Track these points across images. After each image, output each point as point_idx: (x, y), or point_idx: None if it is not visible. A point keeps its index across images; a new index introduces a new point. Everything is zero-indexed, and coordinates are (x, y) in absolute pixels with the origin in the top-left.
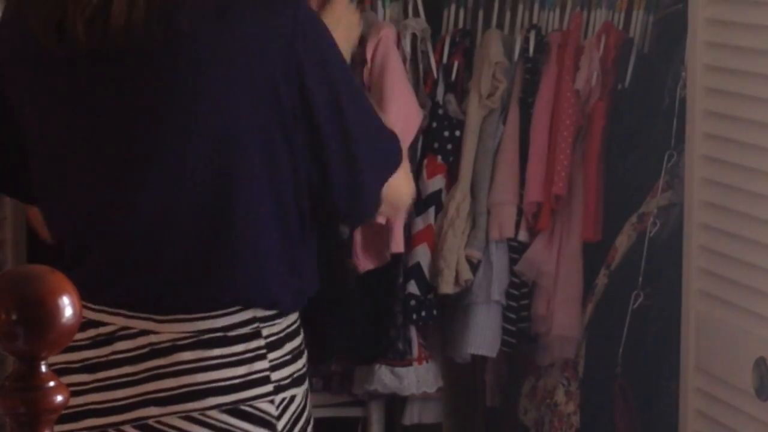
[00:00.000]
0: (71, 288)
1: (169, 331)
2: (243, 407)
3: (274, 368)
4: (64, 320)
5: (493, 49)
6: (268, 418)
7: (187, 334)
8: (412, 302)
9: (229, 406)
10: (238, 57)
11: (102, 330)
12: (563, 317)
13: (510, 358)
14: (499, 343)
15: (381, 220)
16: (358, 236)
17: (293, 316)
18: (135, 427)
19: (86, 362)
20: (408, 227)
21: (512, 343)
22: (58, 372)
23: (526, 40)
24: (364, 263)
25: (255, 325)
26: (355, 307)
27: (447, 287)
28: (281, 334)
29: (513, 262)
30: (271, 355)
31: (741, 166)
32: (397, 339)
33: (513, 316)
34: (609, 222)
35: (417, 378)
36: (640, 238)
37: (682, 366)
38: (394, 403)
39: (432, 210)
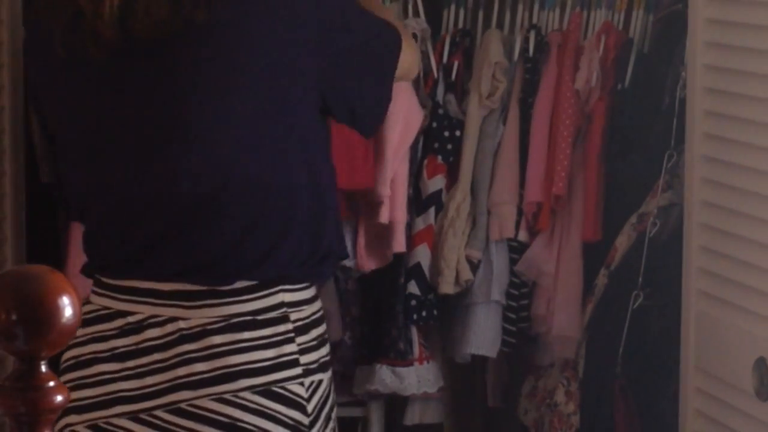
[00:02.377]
0: (71, 288)
1: (198, 316)
2: (274, 389)
3: (302, 352)
4: (64, 320)
5: (493, 49)
6: (298, 399)
7: (217, 319)
8: (413, 302)
9: (260, 388)
10: (261, 39)
11: (131, 319)
12: (563, 317)
13: (510, 358)
14: (500, 343)
15: (383, 219)
16: (361, 237)
17: (318, 304)
18: (168, 411)
19: (115, 351)
20: (408, 227)
21: (512, 343)
22: (87, 362)
23: (526, 40)
24: (368, 263)
25: (283, 309)
26: None
27: (447, 287)
28: (308, 320)
29: (513, 262)
30: (299, 339)
31: (741, 166)
32: (398, 339)
33: (513, 316)
34: (609, 222)
35: (418, 378)
36: (640, 238)
37: (682, 366)
38: (395, 403)
39: (432, 210)
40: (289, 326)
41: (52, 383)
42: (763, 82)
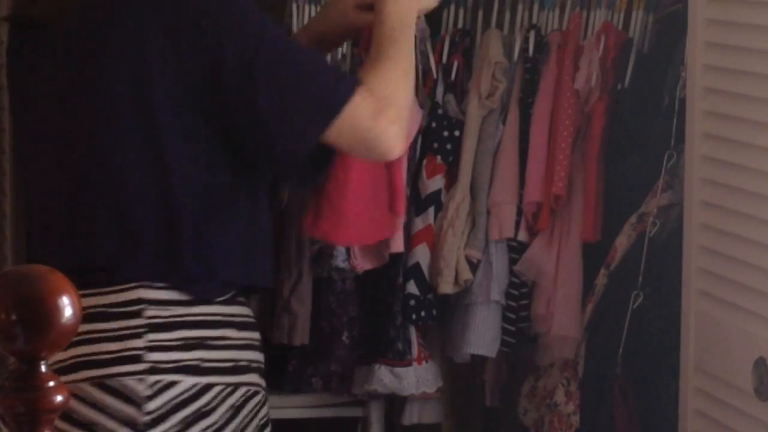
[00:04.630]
0: (71, 288)
1: None
2: (108, 382)
3: (151, 349)
4: (64, 320)
5: (492, 49)
6: (134, 396)
7: None
8: (412, 302)
9: (97, 380)
10: (149, 47)
11: None
12: (563, 317)
13: (510, 358)
14: (499, 343)
15: None
16: None
17: (201, 308)
18: None
19: None
20: (407, 227)
21: (512, 343)
22: None
23: (526, 40)
24: (362, 263)
25: (140, 306)
26: None
27: (447, 287)
28: (173, 320)
29: (513, 262)
30: (152, 336)
31: (741, 166)
32: (396, 339)
33: (513, 316)
34: (609, 222)
35: (416, 378)
36: (639, 239)
37: (682, 366)
38: (394, 403)
39: (431, 210)
40: (141, 321)
41: (52, 383)
42: (763, 82)
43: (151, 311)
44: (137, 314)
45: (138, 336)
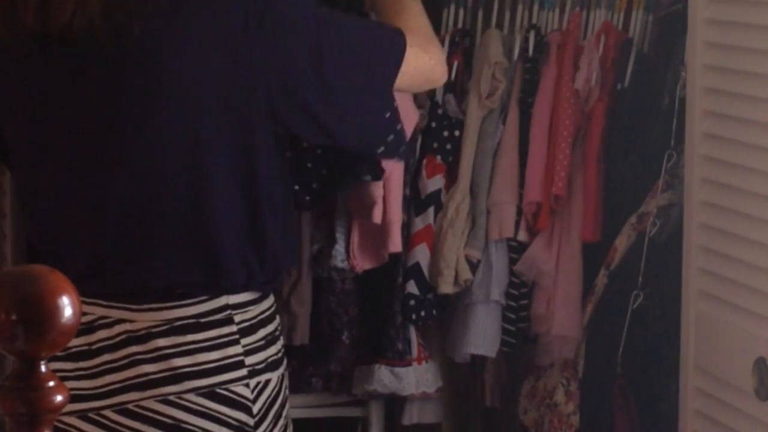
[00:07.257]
0: (71, 288)
1: (143, 319)
2: (219, 390)
3: (247, 353)
4: (64, 320)
5: (492, 48)
6: (243, 401)
7: (161, 322)
8: (412, 302)
9: (205, 390)
10: (196, 54)
11: (83, 319)
12: (563, 317)
13: (510, 358)
14: (499, 343)
15: (376, 219)
16: (355, 236)
17: (267, 302)
18: (115, 411)
19: (69, 350)
20: (407, 227)
21: (512, 343)
22: None
23: (526, 40)
24: (362, 263)
25: (227, 312)
26: None
27: (446, 287)
28: (254, 321)
29: (513, 262)
30: (245, 341)
31: (741, 166)
32: (396, 339)
33: (513, 316)
34: (609, 222)
35: (416, 378)
36: (639, 238)
37: (682, 366)
38: (394, 403)
39: (431, 210)
40: (234, 328)
41: (52, 383)
42: (763, 82)
43: (238, 316)
44: (228, 321)
45: (235, 342)
